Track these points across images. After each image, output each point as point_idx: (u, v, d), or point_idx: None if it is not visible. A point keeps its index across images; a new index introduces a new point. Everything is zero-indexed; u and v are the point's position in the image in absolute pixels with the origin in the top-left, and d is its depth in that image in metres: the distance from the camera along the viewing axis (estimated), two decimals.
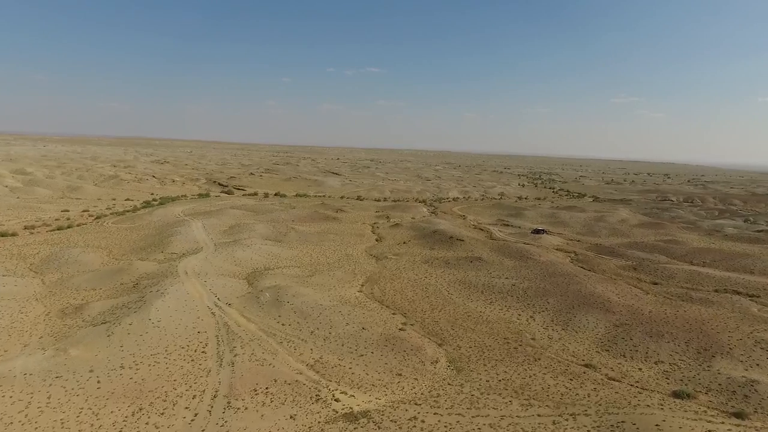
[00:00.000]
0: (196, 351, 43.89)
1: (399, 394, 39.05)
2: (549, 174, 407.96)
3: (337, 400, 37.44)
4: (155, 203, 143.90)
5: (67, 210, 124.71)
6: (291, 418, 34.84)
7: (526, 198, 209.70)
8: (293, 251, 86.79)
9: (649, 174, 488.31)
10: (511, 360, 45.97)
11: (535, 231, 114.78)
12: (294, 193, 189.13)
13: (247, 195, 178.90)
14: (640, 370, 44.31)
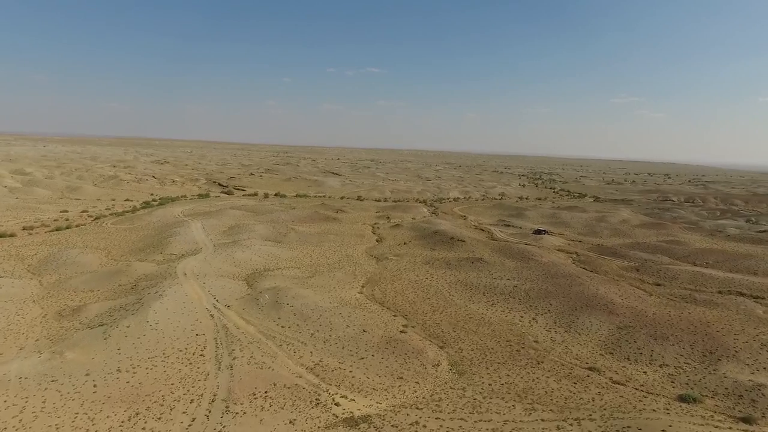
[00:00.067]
0: (194, 354, 43.27)
1: (400, 398, 38.43)
2: (549, 174, 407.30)
3: (338, 404, 36.80)
4: (155, 204, 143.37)
5: (66, 210, 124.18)
6: (290, 423, 34.22)
7: (526, 198, 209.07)
8: (293, 252, 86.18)
9: (650, 174, 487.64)
10: (514, 363, 45.33)
11: (537, 231, 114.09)
12: (294, 194, 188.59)
13: (247, 195, 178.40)
14: (644, 373, 43.65)
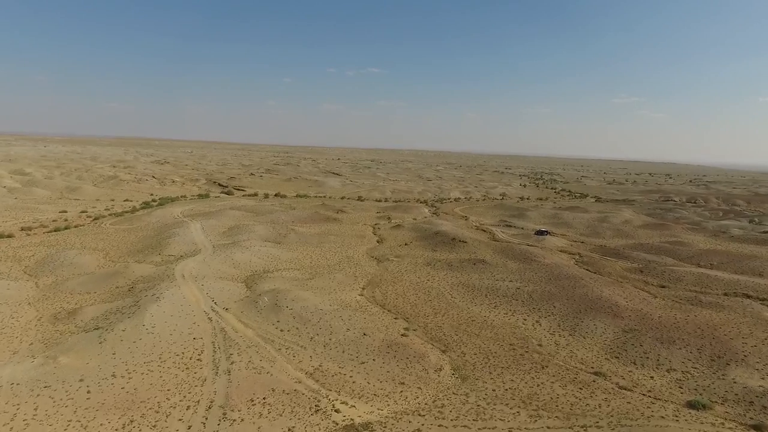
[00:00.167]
0: (191, 358, 42.33)
1: (402, 404, 37.48)
2: (550, 174, 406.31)
3: (338, 410, 35.85)
4: (154, 204, 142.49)
5: (65, 211, 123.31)
6: (289, 430, 33.25)
7: (528, 198, 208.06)
8: (293, 253, 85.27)
9: (651, 174, 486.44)
10: (518, 367, 44.36)
11: (539, 232, 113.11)
12: (294, 194, 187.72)
13: (247, 196, 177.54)
14: (651, 378, 42.67)
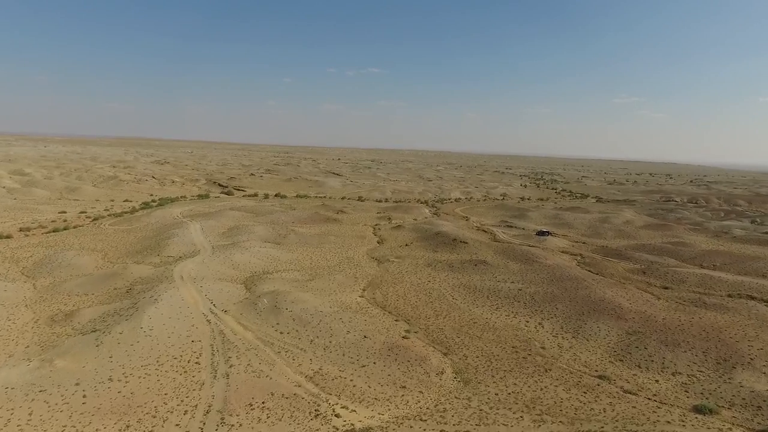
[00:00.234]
0: (189, 362, 41.71)
1: (403, 408, 36.85)
2: (551, 174, 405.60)
3: (338, 415, 35.22)
4: (154, 204, 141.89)
5: (65, 211, 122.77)
6: None
7: (528, 199, 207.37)
8: (293, 254, 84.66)
9: (651, 174, 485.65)
10: (521, 371, 43.73)
11: (540, 233, 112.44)
12: (294, 194, 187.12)
13: (248, 196, 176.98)
14: (657, 382, 42.02)
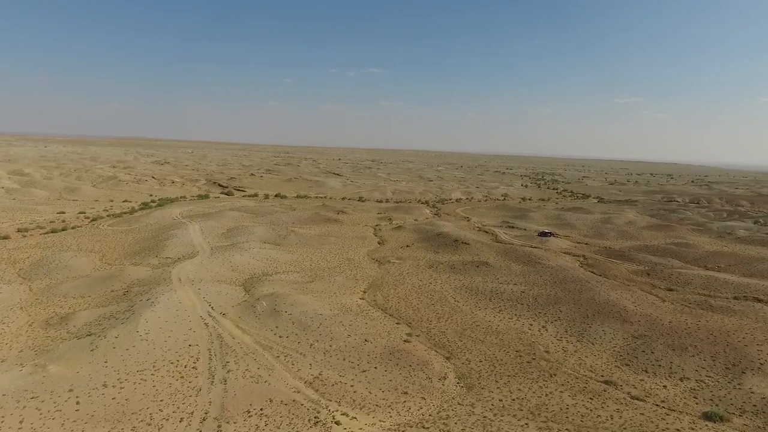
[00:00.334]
0: (186, 367, 40.78)
1: (405, 415, 35.91)
2: (552, 174, 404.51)
3: (338, 423, 34.28)
4: (153, 205, 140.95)
5: (63, 212, 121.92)
6: None
7: (530, 199, 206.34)
8: (293, 255, 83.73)
9: (652, 174, 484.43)
10: (525, 376, 42.79)
11: (542, 233, 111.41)
12: (295, 194, 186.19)
13: (248, 196, 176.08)
14: (664, 387, 41.05)
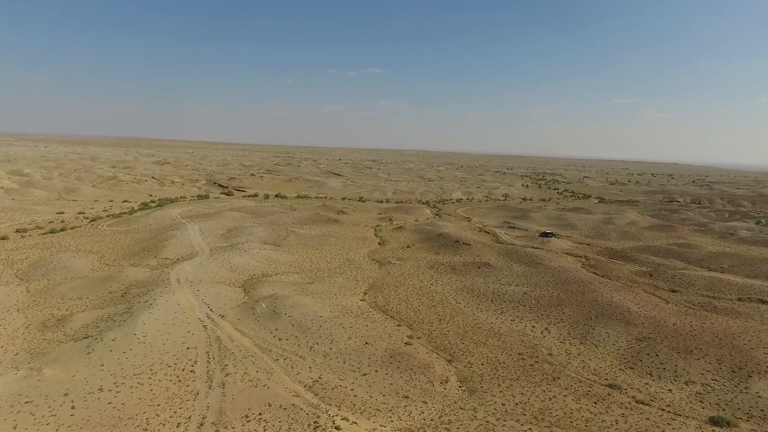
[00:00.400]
0: (183, 370, 40.16)
1: (406, 420, 35.28)
2: (552, 174, 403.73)
3: (338, 428, 33.65)
4: (153, 205, 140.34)
5: (63, 212, 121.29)
6: None
7: (530, 199, 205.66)
8: (293, 256, 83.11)
9: (653, 174, 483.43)
10: (528, 379, 42.15)
11: (543, 234, 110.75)
12: (295, 195, 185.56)
13: (248, 196, 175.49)
14: (670, 391, 40.40)
